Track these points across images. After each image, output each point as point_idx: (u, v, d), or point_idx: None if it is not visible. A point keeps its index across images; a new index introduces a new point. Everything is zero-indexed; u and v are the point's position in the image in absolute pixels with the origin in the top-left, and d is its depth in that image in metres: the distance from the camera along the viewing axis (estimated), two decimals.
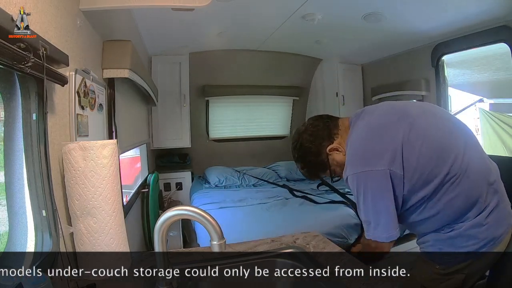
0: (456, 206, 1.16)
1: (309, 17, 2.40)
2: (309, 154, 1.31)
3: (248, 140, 4.19)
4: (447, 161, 1.14)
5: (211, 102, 3.95)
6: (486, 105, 3.42)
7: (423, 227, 1.23)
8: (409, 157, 1.14)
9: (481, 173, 1.17)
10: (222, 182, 3.37)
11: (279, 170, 3.75)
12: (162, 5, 1.51)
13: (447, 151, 1.16)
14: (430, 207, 1.17)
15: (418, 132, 1.17)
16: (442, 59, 2.72)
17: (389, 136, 1.17)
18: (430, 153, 1.15)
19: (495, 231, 1.16)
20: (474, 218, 1.15)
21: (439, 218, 1.18)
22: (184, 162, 3.70)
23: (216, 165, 3.69)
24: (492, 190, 1.17)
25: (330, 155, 1.29)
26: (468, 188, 1.15)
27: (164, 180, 3.43)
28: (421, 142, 1.15)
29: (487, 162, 1.24)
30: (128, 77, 1.74)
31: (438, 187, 1.14)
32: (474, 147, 1.22)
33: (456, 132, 1.22)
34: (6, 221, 0.87)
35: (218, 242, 0.83)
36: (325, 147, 1.29)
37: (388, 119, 1.22)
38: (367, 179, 1.17)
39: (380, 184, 1.16)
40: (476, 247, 1.17)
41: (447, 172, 1.14)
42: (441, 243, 1.21)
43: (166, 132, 3.35)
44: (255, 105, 4.07)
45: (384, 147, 1.16)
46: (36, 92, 0.91)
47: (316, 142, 1.30)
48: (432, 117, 1.23)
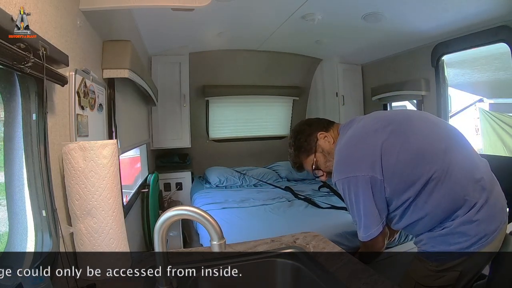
0: (444, 206, 1.20)
1: (309, 17, 2.40)
2: (302, 134, 1.43)
3: (248, 140, 4.19)
4: (427, 164, 1.20)
5: (211, 102, 3.95)
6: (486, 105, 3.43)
7: (417, 229, 1.27)
8: (388, 162, 1.21)
9: (465, 172, 1.21)
10: (222, 182, 3.37)
11: (279, 170, 3.75)
12: (162, 5, 1.51)
13: (427, 154, 1.21)
14: (419, 208, 1.22)
15: (397, 138, 1.24)
16: (442, 59, 2.72)
17: (370, 144, 1.25)
18: (408, 157, 1.21)
19: (486, 227, 1.20)
20: (463, 216, 1.19)
21: (429, 219, 1.23)
22: (184, 162, 3.70)
23: (216, 165, 3.69)
24: (479, 187, 1.21)
25: (319, 140, 1.40)
26: (453, 188, 1.19)
27: (164, 180, 3.43)
28: (399, 147, 1.22)
29: (474, 160, 1.27)
30: (128, 77, 1.74)
31: (421, 189, 1.20)
32: (458, 147, 1.26)
33: (438, 134, 1.27)
34: (6, 221, 0.87)
35: (218, 242, 0.83)
36: (317, 132, 1.41)
37: (371, 127, 1.31)
38: (350, 184, 1.26)
39: (362, 189, 1.24)
40: (468, 244, 1.20)
41: (428, 174, 1.19)
42: (434, 241, 1.25)
43: (166, 132, 3.35)
44: (255, 105, 4.07)
45: (365, 154, 1.24)
46: (36, 92, 0.91)
47: (311, 126, 1.44)
48: (416, 121, 1.30)
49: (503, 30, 2.11)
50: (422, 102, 2.94)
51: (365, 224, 1.28)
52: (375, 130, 1.28)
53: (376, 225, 1.27)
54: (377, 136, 1.26)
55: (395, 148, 1.23)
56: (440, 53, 2.67)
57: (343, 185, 1.28)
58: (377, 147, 1.24)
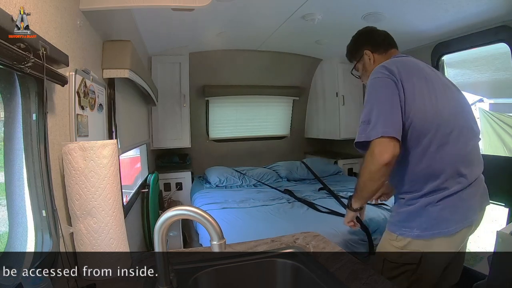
0: (421, 169, 1.29)
1: (309, 17, 2.40)
2: (356, 40, 1.64)
3: (248, 140, 4.19)
4: (437, 124, 1.28)
5: (211, 102, 3.96)
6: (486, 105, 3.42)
7: (395, 181, 1.38)
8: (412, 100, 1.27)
9: (456, 157, 1.29)
10: (222, 182, 3.36)
11: (279, 170, 3.75)
12: (162, 5, 1.51)
13: (442, 117, 1.29)
14: (410, 155, 1.30)
15: (433, 92, 1.32)
16: (442, 59, 2.72)
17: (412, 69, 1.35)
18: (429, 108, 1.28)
19: (449, 216, 1.28)
20: (429, 196, 1.29)
21: (407, 176, 1.32)
22: (184, 162, 3.70)
23: (216, 165, 3.69)
24: (457, 179, 1.29)
25: (364, 55, 1.58)
26: (438, 160, 1.28)
27: (164, 180, 3.43)
28: (428, 96, 1.30)
29: (471, 155, 1.35)
30: (128, 77, 1.74)
31: (419, 138, 1.28)
32: (468, 134, 1.34)
33: (462, 111, 1.37)
34: (6, 221, 0.87)
35: (218, 242, 0.83)
36: (366, 48, 1.58)
37: (416, 66, 1.39)
38: (381, 82, 1.31)
39: (391, 90, 1.28)
40: (427, 225, 1.29)
41: (432, 132, 1.27)
42: (399, 215, 1.36)
43: (166, 132, 3.35)
44: (255, 105, 4.07)
45: (408, 72, 1.32)
46: (36, 92, 0.91)
47: (367, 41, 1.60)
48: (442, 93, 1.35)
49: (503, 30, 2.11)
50: None
51: (386, 120, 1.24)
52: (419, 68, 1.37)
53: (396, 128, 1.25)
54: (419, 69, 1.37)
55: (424, 93, 1.30)
56: (440, 53, 2.67)
57: (373, 78, 1.34)
58: (415, 75, 1.32)
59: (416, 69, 1.37)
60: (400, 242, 1.35)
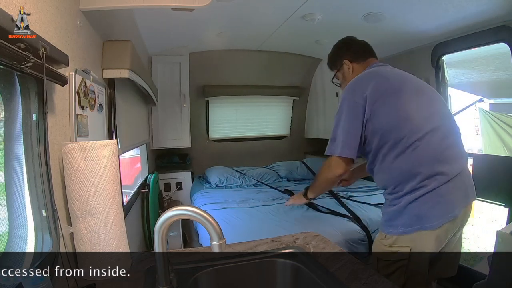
0: (398, 172, 1.42)
1: (309, 17, 2.40)
2: (336, 50, 1.80)
3: (248, 140, 4.19)
4: (406, 128, 1.41)
5: (211, 102, 3.96)
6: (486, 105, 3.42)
7: (382, 184, 1.51)
8: (378, 108, 1.44)
9: (431, 158, 1.40)
10: (222, 182, 3.36)
11: (279, 170, 3.75)
12: (162, 5, 1.51)
13: (412, 120, 1.42)
14: (387, 161, 1.44)
15: (397, 96, 1.46)
16: (442, 59, 2.72)
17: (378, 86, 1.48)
18: (395, 114, 1.43)
19: (429, 211, 1.38)
20: (410, 193, 1.39)
21: (389, 179, 1.45)
22: (184, 162, 3.70)
23: (216, 165, 3.69)
24: (434, 176, 1.38)
25: (343, 64, 1.72)
26: (410, 163, 1.40)
27: (164, 180, 3.43)
28: (394, 103, 1.45)
29: (450, 153, 1.45)
30: (128, 77, 1.74)
31: (393, 146, 1.42)
32: (445, 133, 1.44)
33: (433, 113, 1.47)
34: (6, 221, 0.87)
35: (218, 242, 0.83)
36: (346, 58, 1.72)
37: (386, 75, 1.56)
38: (344, 103, 1.50)
39: (354, 112, 1.47)
40: (412, 221, 1.39)
41: (401, 136, 1.40)
42: (387, 215, 1.48)
43: (166, 132, 3.35)
44: (255, 105, 4.07)
45: (365, 88, 1.47)
46: (36, 92, 0.91)
47: (348, 50, 1.75)
48: (415, 95, 1.50)
49: (503, 30, 2.11)
50: None
51: (345, 142, 1.49)
52: (393, 78, 1.54)
53: (351, 151, 1.49)
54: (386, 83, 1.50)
55: (391, 102, 1.45)
56: (440, 53, 2.67)
57: (343, 99, 1.52)
58: (380, 91, 1.47)
59: (389, 80, 1.52)
60: (389, 240, 1.46)
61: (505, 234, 1.60)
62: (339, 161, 1.55)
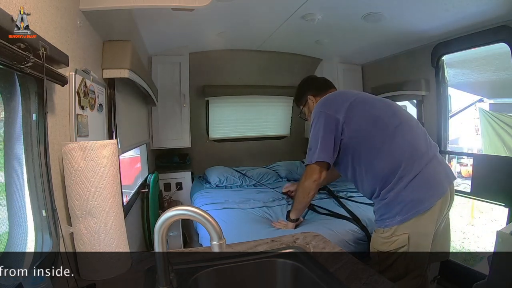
0: (382, 167, 1.57)
1: (309, 17, 2.40)
2: (300, 88, 2.09)
3: (248, 140, 4.18)
4: (379, 128, 1.61)
5: (211, 102, 3.95)
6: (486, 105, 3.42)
7: (366, 186, 1.65)
8: (352, 116, 1.66)
9: (407, 147, 1.57)
10: (222, 182, 3.36)
11: (279, 170, 3.74)
12: (162, 5, 1.51)
13: (381, 121, 1.63)
14: (371, 164, 1.60)
15: (364, 104, 1.72)
16: (442, 59, 2.72)
17: (343, 98, 1.75)
18: (368, 117, 1.65)
19: (420, 195, 1.51)
20: (398, 184, 1.53)
21: (376, 177, 1.59)
22: (184, 162, 3.69)
23: (216, 165, 3.69)
24: (414, 162, 1.54)
25: (308, 100, 1.99)
26: (391, 156, 1.56)
27: (164, 180, 3.43)
28: (362, 109, 1.68)
29: (423, 142, 1.62)
30: (128, 77, 1.74)
31: (371, 146, 1.60)
32: (408, 129, 1.63)
33: (394, 114, 1.68)
34: (6, 221, 0.87)
35: (218, 242, 0.83)
36: (309, 93, 1.99)
37: (348, 92, 1.88)
38: (320, 116, 1.71)
39: (327, 124, 1.68)
40: (407, 208, 1.50)
41: (378, 136, 1.60)
42: (380, 210, 1.59)
43: (166, 132, 3.35)
44: (255, 105, 4.06)
45: (338, 102, 1.73)
46: (36, 92, 0.91)
47: (309, 87, 2.03)
48: (378, 102, 1.76)
49: (503, 30, 2.11)
50: (422, 102, 2.93)
51: (320, 149, 1.69)
52: (355, 95, 1.79)
53: (327, 156, 1.69)
54: (350, 97, 1.76)
55: (360, 108, 1.68)
56: (440, 53, 2.67)
57: (316, 114, 1.74)
58: (348, 102, 1.71)
59: (354, 93, 1.81)
60: (388, 233, 1.55)
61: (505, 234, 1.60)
62: (315, 167, 1.74)
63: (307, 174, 1.79)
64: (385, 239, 1.56)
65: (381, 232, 1.58)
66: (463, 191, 3.00)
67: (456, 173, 5.22)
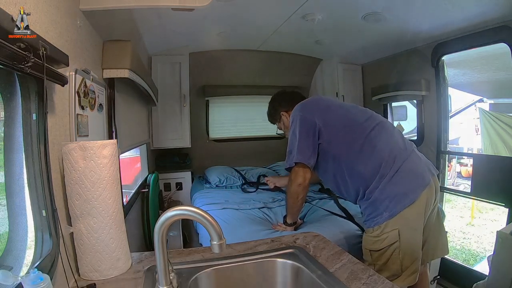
0: (365, 165, 1.60)
1: (309, 17, 2.40)
2: (272, 105, 2.18)
3: (248, 140, 4.19)
4: (355, 132, 1.67)
5: (211, 102, 3.95)
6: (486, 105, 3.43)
7: (350, 189, 1.67)
8: (329, 120, 1.72)
9: (385, 145, 1.62)
10: (222, 182, 3.36)
11: (279, 170, 3.74)
12: (162, 5, 1.51)
13: (356, 125, 1.69)
14: (354, 164, 1.63)
15: (339, 109, 1.80)
16: (442, 59, 2.72)
17: (320, 104, 1.83)
18: (343, 121, 1.72)
19: (404, 187, 1.53)
20: (382, 180, 1.55)
21: (360, 178, 1.61)
22: (184, 162, 3.69)
23: (216, 165, 3.69)
24: (395, 157, 1.58)
25: (282, 116, 2.09)
26: (372, 156, 1.60)
27: (164, 180, 3.43)
28: (338, 113, 1.76)
29: (400, 139, 1.68)
30: (128, 77, 1.74)
31: (351, 152, 1.64)
32: (383, 130, 1.69)
33: (369, 118, 1.74)
34: (6, 221, 0.87)
35: (218, 242, 0.83)
36: (282, 110, 2.08)
37: (324, 98, 1.99)
38: (298, 119, 1.76)
39: (306, 126, 1.71)
40: (393, 203, 1.52)
41: (355, 140, 1.64)
42: (367, 210, 1.62)
43: (166, 132, 3.35)
44: (255, 105, 4.06)
45: (314, 107, 1.80)
46: (36, 92, 0.91)
47: (280, 104, 2.10)
48: (352, 108, 1.83)
49: (503, 30, 2.11)
50: (422, 102, 2.93)
51: (299, 151, 1.70)
52: (328, 100, 1.89)
53: (306, 157, 1.70)
54: (326, 102, 1.86)
55: (336, 113, 1.75)
56: (440, 53, 2.67)
57: (293, 118, 1.80)
58: (324, 106, 1.79)
59: (329, 99, 1.91)
60: (377, 231, 1.56)
61: (505, 234, 1.60)
62: (297, 170, 1.74)
63: (291, 178, 1.78)
64: (375, 238, 1.57)
65: (371, 231, 1.59)
66: (463, 191, 3.01)
67: (456, 173, 5.23)
